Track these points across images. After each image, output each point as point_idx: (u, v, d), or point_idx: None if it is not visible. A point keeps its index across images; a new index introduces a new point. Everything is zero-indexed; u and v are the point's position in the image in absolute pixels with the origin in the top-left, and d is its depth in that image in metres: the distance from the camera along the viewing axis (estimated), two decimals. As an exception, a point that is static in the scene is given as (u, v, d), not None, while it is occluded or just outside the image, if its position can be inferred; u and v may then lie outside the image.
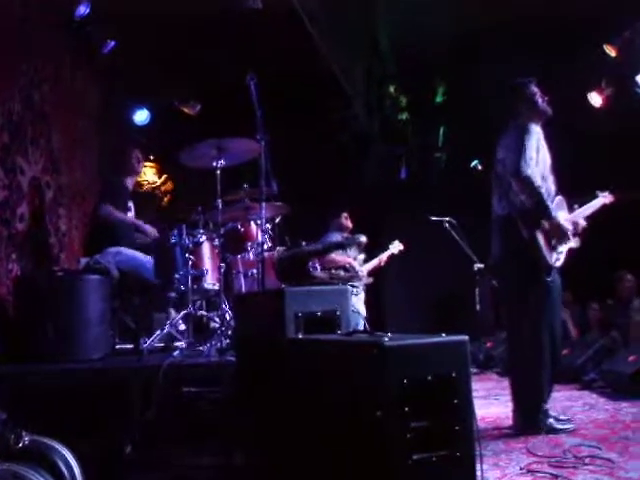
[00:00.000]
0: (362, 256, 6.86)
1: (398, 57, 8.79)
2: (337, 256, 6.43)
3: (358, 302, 6.52)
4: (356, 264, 6.60)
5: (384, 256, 7.19)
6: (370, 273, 6.94)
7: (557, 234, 4.19)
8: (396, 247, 7.31)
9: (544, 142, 4.29)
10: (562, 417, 4.32)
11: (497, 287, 5.21)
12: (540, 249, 4.09)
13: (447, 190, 9.11)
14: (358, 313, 6.44)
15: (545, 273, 4.13)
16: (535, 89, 4.45)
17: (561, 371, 6.54)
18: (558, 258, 4.23)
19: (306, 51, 6.71)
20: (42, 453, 2.16)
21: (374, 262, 7.07)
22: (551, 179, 4.30)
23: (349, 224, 6.92)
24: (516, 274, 4.25)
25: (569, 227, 4.25)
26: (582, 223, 4.47)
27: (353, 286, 6.42)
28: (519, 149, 4.09)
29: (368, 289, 6.89)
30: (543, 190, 4.10)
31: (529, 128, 4.19)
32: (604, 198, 4.70)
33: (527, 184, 4.04)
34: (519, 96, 4.43)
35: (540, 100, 4.41)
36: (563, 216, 4.30)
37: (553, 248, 4.21)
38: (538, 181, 4.07)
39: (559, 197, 4.37)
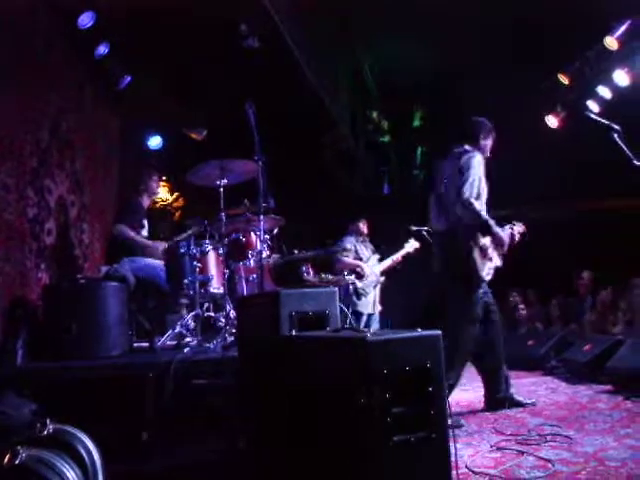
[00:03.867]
0: (376, 256, 6.70)
1: (380, 86, 8.83)
2: (348, 260, 6.38)
3: (364, 303, 6.44)
4: (366, 266, 6.48)
5: (399, 255, 6.72)
6: (384, 272, 6.67)
7: (498, 244, 4.22)
8: (412, 246, 6.69)
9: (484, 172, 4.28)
10: (523, 399, 4.36)
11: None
12: (475, 263, 4.07)
13: (425, 203, 9.11)
14: (361, 316, 6.37)
15: (476, 284, 4.13)
16: (493, 134, 4.49)
17: (527, 359, 6.59)
18: (489, 273, 4.21)
19: (298, 82, 6.73)
20: (65, 440, 2.13)
21: (387, 262, 6.69)
22: (484, 203, 4.28)
23: (365, 230, 6.73)
24: (454, 285, 4.23)
25: (507, 239, 4.29)
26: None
27: (361, 288, 6.37)
28: (465, 178, 4.07)
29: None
30: (484, 212, 4.09)
31: (476, 160, 4.17)
32: (518, 227, 4.65)
33: (471, 209, 4.01)
34: (480, 131, 4.43)
35: (491, 143, 4.46)
36: (500, 232, 4.30)
37: (488, 261, 4.19)
38: (478, 206, 4.06)
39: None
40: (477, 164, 4.14)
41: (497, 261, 4.33)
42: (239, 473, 2.91)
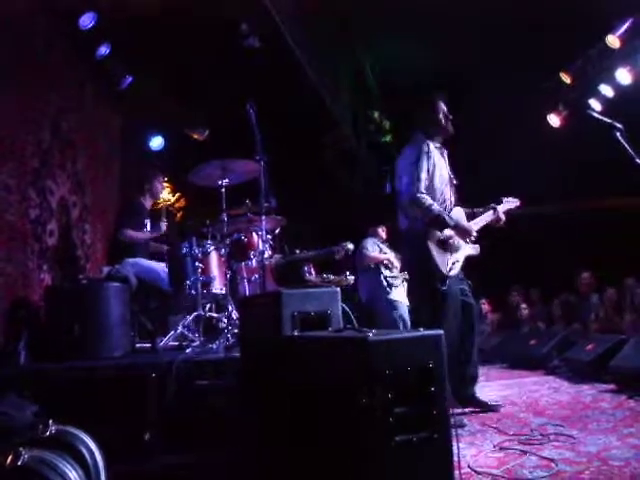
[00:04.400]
0: (398, 256, 6.76)
1: (381, 85, 8.83)
2: (374, 254, 6.43)
3: (399, 294, 6.43)
4: (392, 257, 6.54)
5: None
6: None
7: (461, 233, 4.02)
8: None
9: (441, 158, 4.11)
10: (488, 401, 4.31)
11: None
12: (434, 261, 3.92)
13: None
14: (398, 304, 6.34)
15: (440, 283, 3.93)
16: (441, 106, 4.20)
17: (529, 358, 6.59)
18: (453, 267, 4.03)
19: (299, 82, 6.73)
20: (67, 441, 2.13)
21: None
22: (449, 192, 4.13)
23: (384, 235, 6.82)
24: (417, 284, 4.15)
25: (472, 227, 4.09)
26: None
27: (391, 278, 6.39)
28: (411, 174, 3.92)
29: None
30: (435, 206, 3.92)
31: (422, 149, 3.98)
32: (506, 204, 4.48)
33: (420, 205, 3.88)
34: (424, 110, 4.21)
35: (443, 118, 4.18)
36: (462, 222, 4.14)
37: (453, 251, 4.02)
38: (429, 199, 3.90)
39: (458, 208, 4.22)
40: (423, 157, 3.95)
41: (469, 250, 4.18)
42: (241, 473, 2.90)
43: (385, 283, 6.37)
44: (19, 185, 4.49)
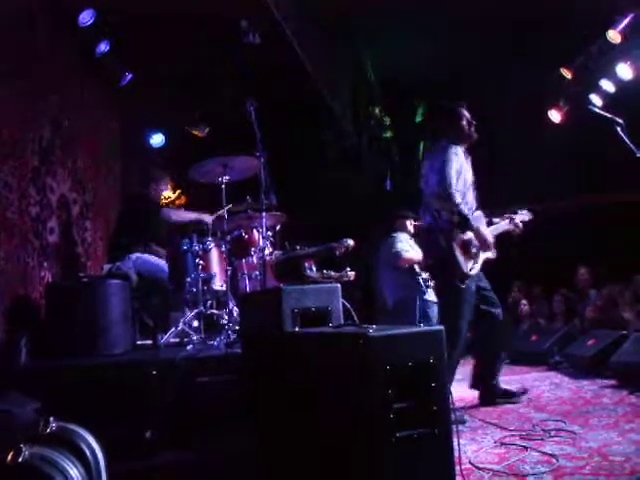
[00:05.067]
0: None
1: (381, 82, 8.82)
2: (410, 254, 6.31)
3: (432, 294, 6.32)
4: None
5: None
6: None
7: (480, 242, 4.08)
8: None
9: (465, 162, 4.18)
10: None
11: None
12: (456, 258, 3.98)
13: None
14: (434, 304, 6.26)
15: (460, 280, 4.01)
16: (464, 113, 4.29)
17: (530, 354, 6.59)
18: (473, 267, 4.10)
19: (299, 78, 6.72)
20: (68, 438, 2.13)
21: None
22: (471, 196, 4.20)
23: (412, 229, 6.68)
24: (439, 279, 4.19)
25: (490, 236, 4.15)
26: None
27: (427, 279, 6.26)
28: (441, 172, 3.98)
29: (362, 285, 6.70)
30: (463, 206, 3.99)
31: (450, 153, 4.05)
32: (521, 216, 4.56)
33: (450, 201, 3.94)
34: (447, 119, 4.29)
35: (467, 125, 4.26)
36: (482, 229, 4.19)
37: (473, 256, 4.09)
38: (458, 199, 3.97)
39: (479, 212, 4.27)
40: (452, 157, 4.02)
41: (488, 253, 4.21)
42: (242, 471, 2.91)
43: (423, 285, 6.20)
44: (19, 183, 4.49)
